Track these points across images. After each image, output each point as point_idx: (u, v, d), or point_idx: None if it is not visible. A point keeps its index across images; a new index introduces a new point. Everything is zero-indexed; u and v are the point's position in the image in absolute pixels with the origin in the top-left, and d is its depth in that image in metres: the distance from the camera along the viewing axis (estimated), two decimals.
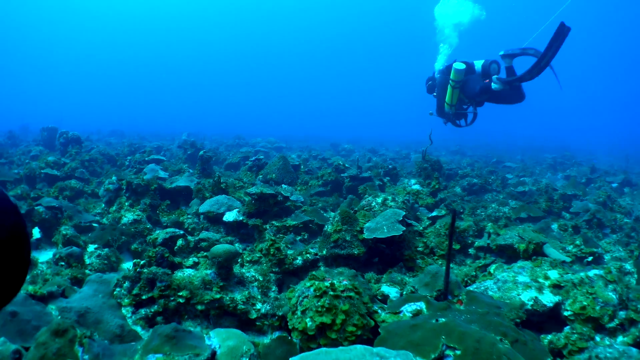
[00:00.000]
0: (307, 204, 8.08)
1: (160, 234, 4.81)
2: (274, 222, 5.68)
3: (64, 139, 10.60)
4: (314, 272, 3.33)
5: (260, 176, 8.62)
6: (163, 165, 9.62)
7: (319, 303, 2.74)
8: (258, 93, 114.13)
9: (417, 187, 8.15)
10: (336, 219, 4.29)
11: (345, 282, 2.93)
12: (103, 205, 6.62)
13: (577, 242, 5.20)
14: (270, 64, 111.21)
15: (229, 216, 5.18)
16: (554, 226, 6.68)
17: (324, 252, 4.22)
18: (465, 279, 4.22)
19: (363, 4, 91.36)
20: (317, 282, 2.92)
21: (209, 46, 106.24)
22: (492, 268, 4.03)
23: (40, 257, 4.65)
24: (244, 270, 4.21)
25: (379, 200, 6.09)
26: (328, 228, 4.31)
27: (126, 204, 6.31)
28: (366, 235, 4.17)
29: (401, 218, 4.36)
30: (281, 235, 5.17)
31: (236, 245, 5.10)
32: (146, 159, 10.13)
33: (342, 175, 8.87)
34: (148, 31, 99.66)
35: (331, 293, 2.79)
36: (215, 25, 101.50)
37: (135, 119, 55.11)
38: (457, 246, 5.39)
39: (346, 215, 4.23)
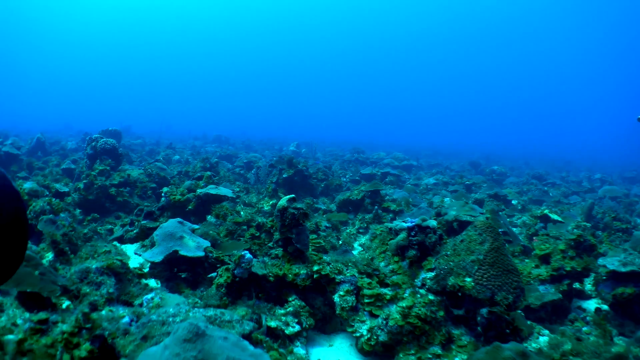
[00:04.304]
0: None
1: None
2: None
3: (91, 149, 6.75)
4: None
5: (429, 276, 3.26)
6: (220, 211, 4.93)
7: None
8: (381, 97, 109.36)
9: None
10: None
11: None
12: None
13: None
14: (391, 69, 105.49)
15: None
16: None
17: None
18: None
19: None
20: None
21: (334, 47, 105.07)
22: None
23: None
24: None
25: None
26: None
27: None
28: None
29: None
30: None
31: None
32: (198, 192, 5.58)
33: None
34: (277, 31, 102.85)
35: None
36: (335, 25, 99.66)
37: (259, 124, 55.12)
38: None
39: None
